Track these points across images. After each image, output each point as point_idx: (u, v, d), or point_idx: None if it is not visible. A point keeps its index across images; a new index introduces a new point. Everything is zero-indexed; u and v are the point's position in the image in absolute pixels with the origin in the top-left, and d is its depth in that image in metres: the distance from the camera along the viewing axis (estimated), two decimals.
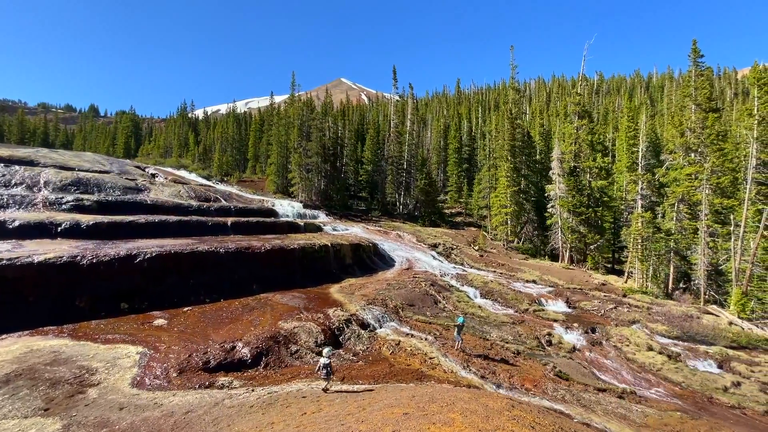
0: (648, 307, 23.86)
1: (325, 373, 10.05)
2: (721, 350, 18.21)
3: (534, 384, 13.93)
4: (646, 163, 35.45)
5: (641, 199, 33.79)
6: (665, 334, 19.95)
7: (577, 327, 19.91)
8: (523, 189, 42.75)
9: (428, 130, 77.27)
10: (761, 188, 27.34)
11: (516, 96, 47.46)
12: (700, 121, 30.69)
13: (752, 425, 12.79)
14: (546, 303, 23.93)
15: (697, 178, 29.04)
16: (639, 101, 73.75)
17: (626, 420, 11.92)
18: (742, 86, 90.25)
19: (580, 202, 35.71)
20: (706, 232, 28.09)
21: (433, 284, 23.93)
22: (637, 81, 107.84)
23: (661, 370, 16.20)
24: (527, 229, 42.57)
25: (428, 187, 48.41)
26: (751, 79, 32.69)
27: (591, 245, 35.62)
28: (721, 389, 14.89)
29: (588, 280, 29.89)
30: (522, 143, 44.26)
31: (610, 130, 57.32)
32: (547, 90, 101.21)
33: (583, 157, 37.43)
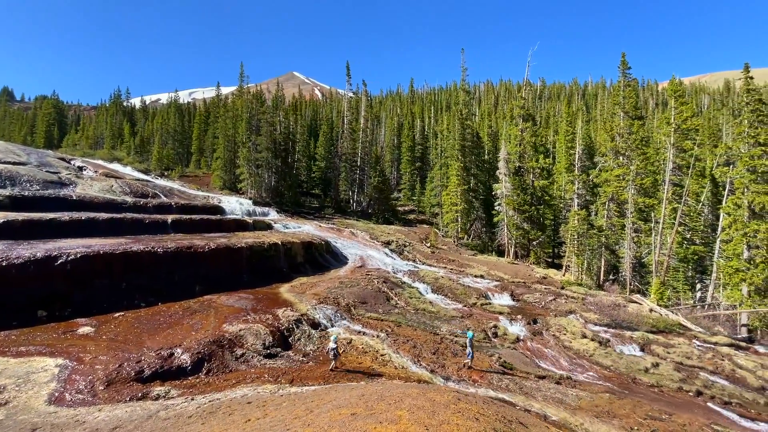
0: (583, 297, 25.80)
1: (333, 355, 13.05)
2: (643, 335, 20.14)
3: (481, 375, 14.46)
4: (582, 165, 38.27)
5: (578, 198, 36.44)
6: (597, 322, 21.68)
7: (521, 319, 21.02)
8: (473, 188, 44.34)
9: (382, 127, 77.65)
10: (676, 189, 30.60)
11: (466, 98, 49.04)
12: (627, 128, 33.64)
13: (667, 401, 14.26)
14: (493, 297, 24.99)
15: (625, 179, 31.85)
16: (576, 107, 79.49)
17: (563, 404, 12.75)
18: (662, 97, 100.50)
19: (524, 200, 37.75)
20: (632, 229, 30.95)
21: (386, 281, 24.06)
22: (575, 88, 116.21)
23: (593, 356, 17.56)
24: (476, 226, 44.26)
25: (382, 185, 48.64)
26: (669, 92, 36.43)
27: (534, 241, 37.82)
28: (642, 370, 16.45)
29: (531, 274, 31.69)
30: (472, 143, 45.86)
31: (551, 134, 61.24)
32: (495, 93, 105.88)
33: (527, 158, 39.58)
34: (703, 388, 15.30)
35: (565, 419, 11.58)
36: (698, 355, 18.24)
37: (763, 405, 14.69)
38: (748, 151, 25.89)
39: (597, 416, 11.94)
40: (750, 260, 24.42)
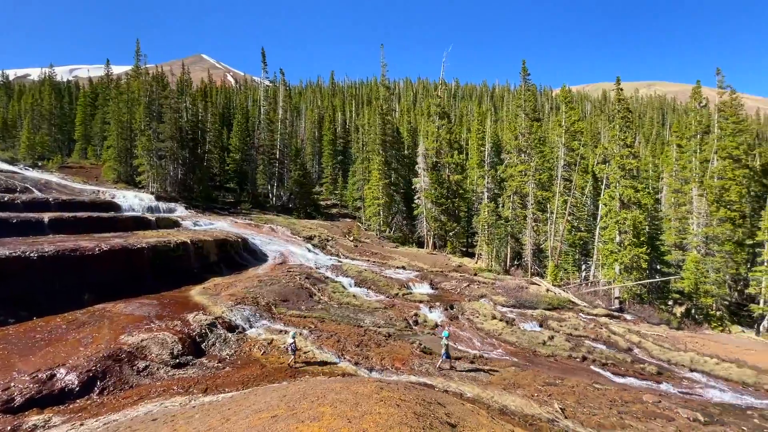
0: (492, 282, 28.25)
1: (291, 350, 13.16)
2: (542, 312, 22.80)
3: (403, 362, 14.99)
4: (491, 161, 41.70)
5: (487, 192, 39.65)
6: (504, 303, 23.95)
7: (439, 305, 22.27)
8: (394, 182, 45.52)
9: (302, 119, 75.42)
10: (566, 183, 35.03)
11: (386, 93, 49.95)
12: (527, 128, 37.47)
13: (561, 368, 16.38)
14: (413, 286, 26.05)
15: (526, 175, 35.51)
16: (486, 108, 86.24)
17: (476, 381, 13.85)
18: (555, 102, 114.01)
19: (441, 194, 39.90)
20: (532, 219, 34.68)
21: (308, 277, 23.56)
22: (485, 90, 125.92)
23: (501, 334, 19.37)
24: (397, 219, 45.60)
25: (303, 179, 47.33)
26: (560, 98, 41.44)
27: (450, 232, 40.28)
28: (541, 343, 18.63)
29: (448, 263, 33.73)
30: (392, 138, 46.95)
31: (464, 131, 65.55)
32: (413, 90, 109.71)
33: (443, 154, 41.82)
34: (587, 353, 17.87)
35: (478, 395, 12.58)
36: (583, 326, 21.25)
37: (629, 363, 17.68)
38: (618, 152, 30.67)
39: (505, 388, 13.21)
40: (620, 243, 29.10)
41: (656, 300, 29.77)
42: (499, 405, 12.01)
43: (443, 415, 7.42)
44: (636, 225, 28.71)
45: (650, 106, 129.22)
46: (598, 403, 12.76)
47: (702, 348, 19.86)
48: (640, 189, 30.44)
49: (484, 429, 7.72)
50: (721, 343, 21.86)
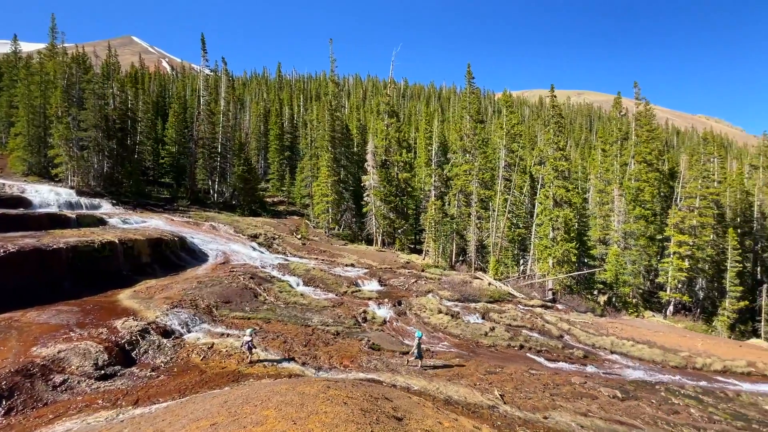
0: (439, 278, 29.16)
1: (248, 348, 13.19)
2: (484, 305, 23.98)
3: (351, 360, 14.97)
4: (438, 160, 42.97)
5: (434, 190, 40.81)
6: (450, 298, 24.83)
7: (387, 302, 22.54)
8: (343, 179, 45.19)
9: (246, 112, 72.13)
10: (507, 183, 37.11)
11: (335, 89, 49.38)
12: (472, 129, 39.10)
13: (501, 357, 17.36)
14: (362, 284, 26.09)
15: (470, 174, 37.07)
16: (433, 108, 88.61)
17: (423, 374, 14.22)
18: (497, 106, 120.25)
19: (390, 191, 40.35)
20: (476, 216, 36.29)
21: (253, 277, 22.64)
22: (432, 91, 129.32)
23: (447, 328, 20.07)
24: (347, 217, 45.38)
25: (247, 174, 45.32)
26: (502, 102, 43.76)
27: (399, 229, 40.91)
28: (483, 335, 19.60)
29: (396, 260, 34.23)
30: (341, 135, 46.55)
31: (413, 130, 66.83)
32: (363, 87, 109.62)
33: (392, 152, 42.30)
34: (524, 342, 19.12)
35: (424, 387, 12.94)
36: (521, 316, 22.70)
37: (561, 349, 19.22)
38: (552, 154, 33.09)
39: (449, 380, 13.71)
40: (554, 239, 31.47)
41: (584, 290, 32.66)
42: (444, 396, 12.44)
43: (390, 410, 7.51)
44: (567, 222, 31.22)
45: (580, 113, 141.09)
46: (533, 387, 13.71)
47: (620, 332, 22.14)
48: (571, 189, 33.15)
49: (430, 420, 7.94)
50: (636, 327, 24.53)
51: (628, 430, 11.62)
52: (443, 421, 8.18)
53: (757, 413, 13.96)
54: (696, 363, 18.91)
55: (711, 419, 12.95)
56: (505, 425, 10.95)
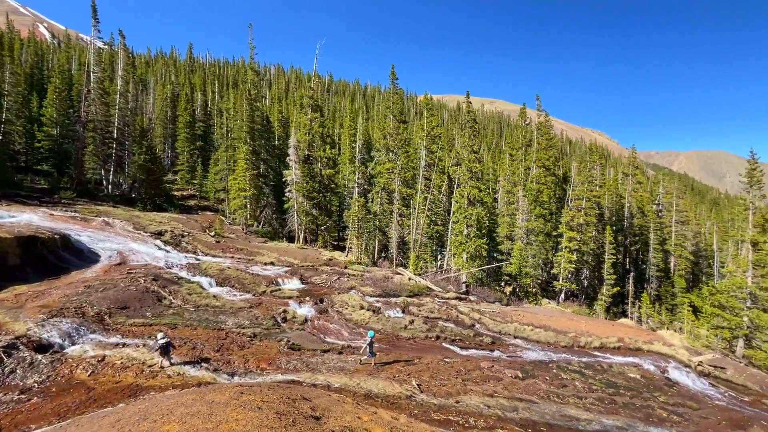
0: (361, 274, 29.40)
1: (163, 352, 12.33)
2: (404, 300, 24.82)
3: (269, 362, 14.33)
4: (361, 157, 43.24)
5: (358, 187, 41.01)
6: (372, 294, 25.20)
7: (309, 300, 22.06)
8: (263, 173, 43.03)
9: (150, 95, 64.57)
10: (427, 182, 38.83)
11: (255, 78, 46.71)
12: (395, 129, 40.09)
13: (419, 348, 18.14)
14: (283, 282, 25.16)
15: (393, 173, 38.01)
16: (358, 105, 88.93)
17: (344, 371, 14.20)
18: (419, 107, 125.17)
19: (313, 187, 39.50)
20: (398, 213, 37.35)
21: (157, 278, 20.39)
22: (357, 88, 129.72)
23: (368, 323, 20.33)
24: (267, 213, 43.34)
25: (151, 164, 40.58)
26: (423, 104, 45.63)
27: (322, 226, 40.29)
28: (403, 328, 20.28)
29: (319, 257, 33.67)
30: (262, 127, 44.24)
31: (337, 126, 66.32)
32: (286, 78, 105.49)
33: (316, 147, 41.42)
34: (440, 333, 20.23)
35: (345, 383, 12.93)
36: (438, 308, 23.98)
37: (472, 337, 20.74)
38: (467, 156, 35.47)
39: (370, 374, 13.90)
40: (467, 235, 33.82)
41: (493, 282, 35.73)
42: (364, 390, 12.58)
43: (308, 410, 7.33)
44: (479, 220, 33.78)
45: (492, 119, 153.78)
46: (447, 375, 14.57)
47: (522, 319, 24.67)
48: (483, 189, 35.96)
49: (349, 416, 7.93)
50: (535, 313, 27.56)
51: (527, 405, 12.98)
52: (362, 416, 8.24)
53: (623, 380, 16.67)
54: (580, 342, 21.90)
55: (590, 389, 15.11)
56: (422, 413, 11.46)
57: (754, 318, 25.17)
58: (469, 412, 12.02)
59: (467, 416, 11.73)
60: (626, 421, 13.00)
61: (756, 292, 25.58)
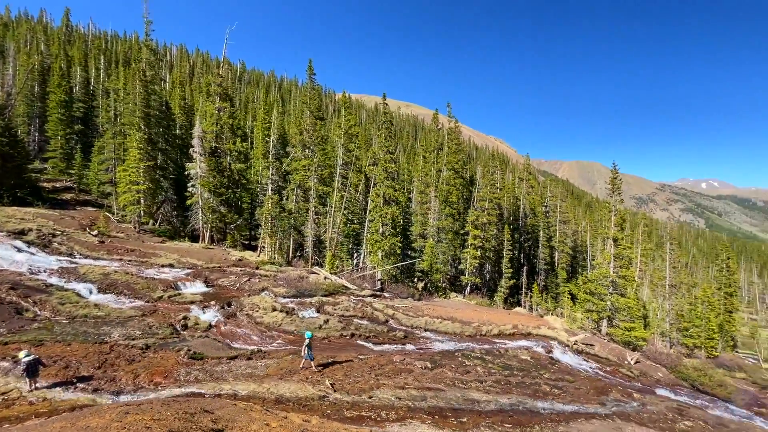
0: (274, 275, 28.15)
1: (28, 374, 10.34)
2: (319, 299, 24.41)
3: (165, 376, 12.86)
4: (276, 153, 41.36)
5: (272, 184, 39.19)
6: (285, 294, 24.29)
7: (215, 304, 20.38)
8: (161, 165, 38.55)
9: (10, 64, 53.24)
10: (344, 180, 38.75)
11: (152, 57, 41.53)
12: (312, 125, 39.20)
13: (334, 347, 17.98)
14: (184, 286, 22.84)
15: (309, 170, 37.12)
16: (273, 98, 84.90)
17: (252, 377, 13.40)
18: (337, 105, 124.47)
19: (220, 182, 36.59)
20: (314, 212, 36.60)
21: (15, 287, 16.89)
22: (273, 80, 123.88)
23: (281, 325, 19.54)
24: (166, 210, 38.93)
25: (8, 148, 33.39)
26: (341, 102, 45.41)
27: (231, 224, 37.53)
28: (318, 327, 19.92)
29: (227, 257, 31.32)
30: (160, 113, 39.55)
31: (250, 119, 62.52)
32: (191, 62, 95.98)
33: (224, 139, 38.41)
34: (355, 330, 20.35)
35: (254, 390, 12.21)
36: (353, 306, 24.09)
37: (386, 332, 21.27)
38: (383, 156, 36.28)
39: (281, 378, 13.35)
40: (383, 234, 34.61)
41: (406, 279, 37.16)
42: (275, 395, 12.03)
43: (209, 423, 6.72)
44: (394, 218, 34.82)
45: (408, 122, 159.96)
46: (361, 371, 14.70)
47: (432, 312, 26.11)
48: (398, 189, 37.14)
49: (256, 424, 7.48)
50: (444, 306, 29.38)
51: (434, 393, 13.73)
52: (271, 422, 7.84)
53: (517, 362, 18.66)
54: (482, 331, 23.97)
55: (489, 372, 16.60)
56: (335, 412, 11.36)
57: (614, 302, 30.30)
58: (381, 406, 12.28)
59: (379, 410, 11.97)
60: (518, 398, 14.57)
61: (616, 280, 30.83)
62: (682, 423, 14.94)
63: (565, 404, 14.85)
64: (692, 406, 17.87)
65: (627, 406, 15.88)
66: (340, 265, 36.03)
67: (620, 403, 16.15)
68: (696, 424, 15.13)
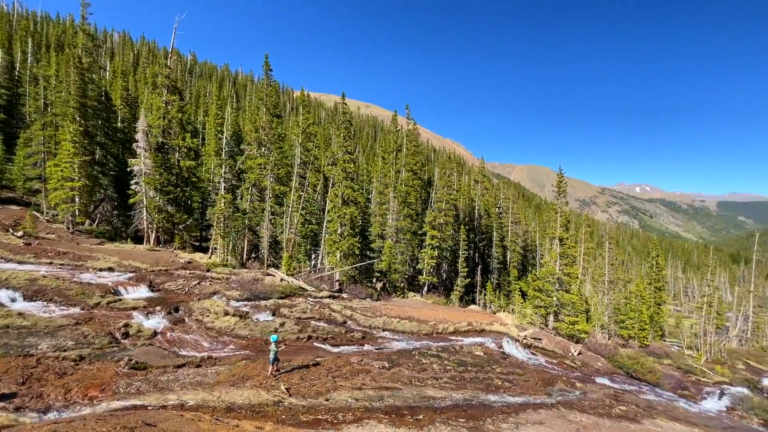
0: (227, 277, 26.97)
1: None
2: (275, 301, 23.72)
3: (102, 389, 11.85)
4: (230, 150, 39.68)
5: (225, 182, 37.55)
6: (239, 298, 23.34)
7: (160, 310, 19.13)
8: (100, 160, 35.62)
9: None
10: (302, 180, 38.01)
11: (90, 43, 38.24)
12: (268, 123, 38.05)
13: (290, 350, 17.53)
14: (125, 291, 21.24)
15: (265, 168, 36.01)
16: (227, 93, 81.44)
17: (202, 385, 12.71)
18: (296, 103, 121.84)
19: (168, 180, 34.46)
20: (270, 212, 35.56)
21: None
22: (227, 74, 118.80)
23: (234, 330, 18.73)
24: (105, 209, 36.01)
25: None
26: (299, 100, 44.50)
27: (180, 225, 35.48)
28: (273, 331, 19.30)
29: (175, 260, 29.57)
30: (99, 104, 36.53)
31: (201, 114, 59.50)
32: (135, 51, 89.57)
33: (173, 135, 36.25)
34: (312, 333, 19.98)
35: (203, 399, 11.59)
36: (310, 308, 23.66)
37: (344, 333, 21.09)
38: (342, 157, 36.03)
39: (233, 384, 12.79)
40: (341, 234, 34.35)
41: (365, 279, 37.14)
42: (226, 403, 11.50)
43: None
44: (353, 219, 34.68)
45: (368, 123, 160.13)
46: (318, 374, 14.46)
47: (391, 312, 26.29)
48: (357, 189, 37.03)
49: None
50: (402, 306, 29.71)
51: (391, 393, 13.82)
52: None
53: (471, 358, 19.28)
54: (439, 329, 24.50)
55: (445, 369, 17.00)
56: (290, 417, 11.07)
57: (560, 297, 32.25)
58: (337, 408, 12.14)
59: (336, 412, 11.83)
60: (472, 393, 15.05)
61: (562, 278, 32.83)
62: (618, 408, 16.19)
63: (515, 396, 15.56)
64: (627, 392, 19.44)
65: (570, 395, 16.94)
66: (297, 267, 35.27)
67: (565, 392, 17.19)
68: (629, 408, 16.46)
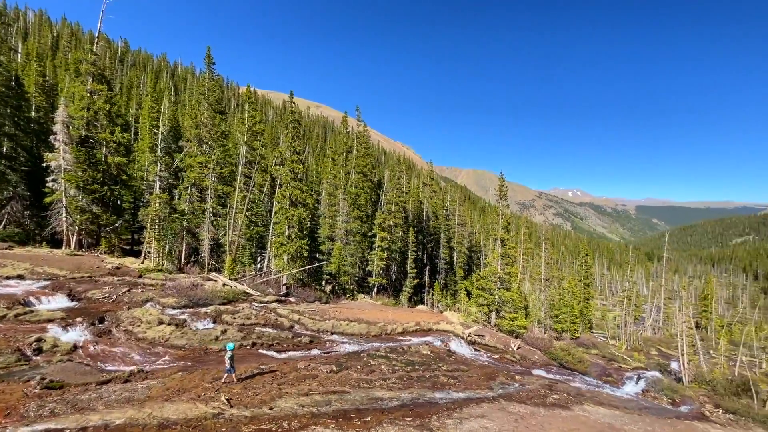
0: (162, 283, 25.04)
1: None
2: (216, 308, 22.45)
3: (7, 414, 10.40)
4: (166, 146, 36.97)
5: (160, 181, 34.92)
6: (175, 305, 21.76)
7: (81, 321, 17.26)
8: (8, 153, 31.42)
9: None
10: (247, 180, 36.44)
11: None
12: (210, 119, 36.00)
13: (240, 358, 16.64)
14: (39, 301, 18.90)
15: (207, 167, 34.02)
16: (164, 85, 75.83)
17: (130, 402, 11.64)
18: (241, 99, 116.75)
19: (93, 178, 31.26)
20: (211, 213, 33.65)
21: None
22: (164, 65, 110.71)
23: (169, 340, 17.41)
24: (14, 208, 31.80)
25: None
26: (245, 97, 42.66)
27: (107, 227, 32.33)
28: (214, 339, 18.25)
29: (100, 265, 26.87)
30: (7, 89, 32.24)
31: (134, 106, 54.87)
32: (54, 33, 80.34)
33: (99, 128, 32.96)
34: (256, 339, 19.17)
35: (131, 417, 10.61)
36: (255, 314, 22.71)
37: (291, 339, 20.50)
38: (290, 157, 35.12)
39: (167, 399, 11.86)
40: (289, 236, 33.42)
41: (314, 282, 36.42)
42: (158, 420, 10.62)
43: None
44: (301, 221, 33.90)
45: (318, 123, 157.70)
46: (262, 383, 13.88)
47: (339, 315, 26.03)
48: (305, 190, 36.26)
49: None
50: (351, 308, 29.54)
51: (339, 396, 13.65)
52: None
53: (418, 357, 19.65)
54: (387, 330, 24.69)
55: (393, 370, 17.16)
56: (230, 429, 10.50)
57: (501, 295, 34.03)
58: (283, 416, 11.74)
59: (281, 421, 11.43)
60: (419, 392, 15.33)
61: (503, 276, 34.67)
62: (551, 397, 17.39)
63: (460, 392, 16.10)
64: (560, 382, 20.96)
65: (510, 388, 17.90)
66: (241, 271, 33.72)
67: (505, 385, 18.13)
68: (561, 396, 17.76)
